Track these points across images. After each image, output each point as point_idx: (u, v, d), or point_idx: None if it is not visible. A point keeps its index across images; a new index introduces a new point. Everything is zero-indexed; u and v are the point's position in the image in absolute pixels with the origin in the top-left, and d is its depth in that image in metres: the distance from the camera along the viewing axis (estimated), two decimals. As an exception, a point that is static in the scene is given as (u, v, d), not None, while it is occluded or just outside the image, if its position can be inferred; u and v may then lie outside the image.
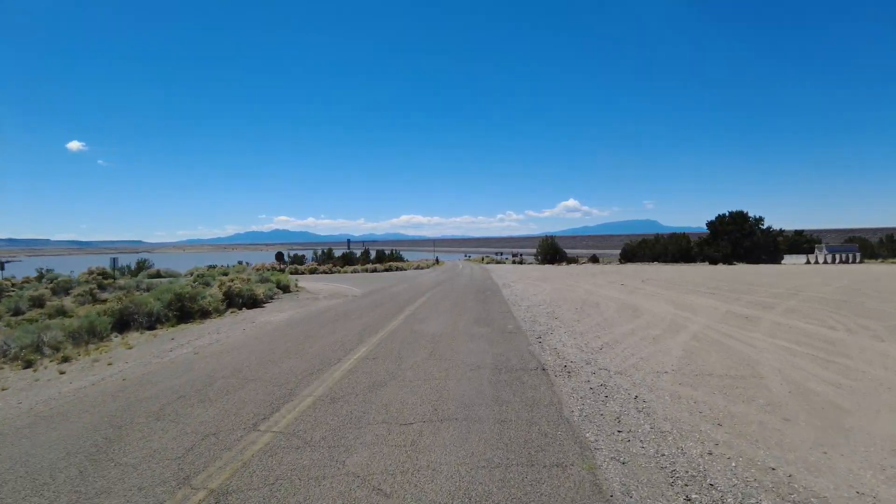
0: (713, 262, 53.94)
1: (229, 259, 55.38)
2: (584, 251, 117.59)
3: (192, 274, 25.68)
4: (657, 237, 58.90)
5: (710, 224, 57.24)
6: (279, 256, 26.56)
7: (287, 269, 29.80)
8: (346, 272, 45.37)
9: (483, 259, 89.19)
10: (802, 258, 58.59)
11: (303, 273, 42.45)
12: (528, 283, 25.17)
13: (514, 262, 78.00)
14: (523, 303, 15.81)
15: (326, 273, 43.29)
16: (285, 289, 21.21)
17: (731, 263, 52.25)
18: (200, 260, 59.44)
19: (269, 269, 27.97)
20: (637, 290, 20.00)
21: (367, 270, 48.46)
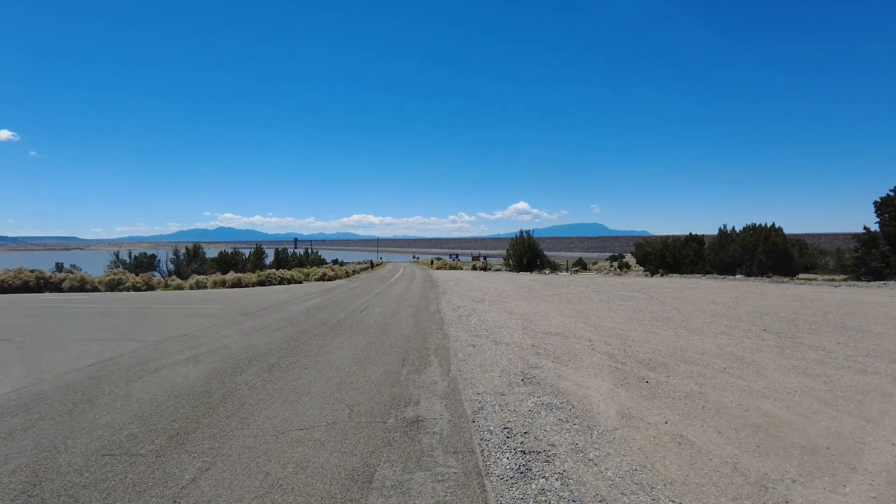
0: None
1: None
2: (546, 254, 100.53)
3: None
4: (725, 234, 34.50)
5: (882, 205, 23.39)
6: None
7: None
8: (179, 289, 27.69)
9: (432, 262, 71.67)
10: None
11: (85, 290, 24.56)
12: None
13: (475, 268, 59.35)
14: None
15: (131, 290, 25.43)
16: None
17: None
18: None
19: None
20: None
21: (230, 284, 30.83)
